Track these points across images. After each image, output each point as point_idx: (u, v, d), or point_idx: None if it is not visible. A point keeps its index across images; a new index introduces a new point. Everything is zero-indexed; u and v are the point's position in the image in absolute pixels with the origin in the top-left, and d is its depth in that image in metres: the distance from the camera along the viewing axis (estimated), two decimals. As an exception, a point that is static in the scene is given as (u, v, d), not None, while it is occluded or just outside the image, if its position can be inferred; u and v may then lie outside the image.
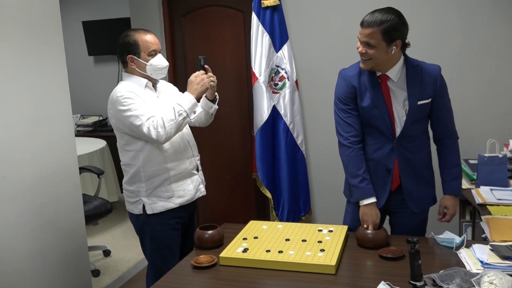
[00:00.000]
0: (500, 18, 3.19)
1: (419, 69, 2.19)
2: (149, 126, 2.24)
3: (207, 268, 1.96)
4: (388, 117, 2.20)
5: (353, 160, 2.24)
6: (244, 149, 3.98)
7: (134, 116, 2.26)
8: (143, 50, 2.34)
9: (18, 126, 2.45)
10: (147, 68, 2.36)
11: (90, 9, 6.19)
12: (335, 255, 1.93)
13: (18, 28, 2.43)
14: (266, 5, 3.44)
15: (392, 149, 2.24)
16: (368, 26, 2.07)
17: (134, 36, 2.35)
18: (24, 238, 2.49)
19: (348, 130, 2.26)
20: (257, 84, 3.49)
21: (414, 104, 2.18)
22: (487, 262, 1.81)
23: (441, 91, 2.22)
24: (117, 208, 5.17)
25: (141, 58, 2.35)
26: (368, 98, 2.21)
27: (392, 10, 2.09)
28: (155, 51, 2.36)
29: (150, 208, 2.39)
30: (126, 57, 2.37)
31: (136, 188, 2.41)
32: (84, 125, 6.14)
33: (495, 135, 3.14)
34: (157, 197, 2.40)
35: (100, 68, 6.41)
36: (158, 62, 2.37)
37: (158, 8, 3.92)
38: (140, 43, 2.34)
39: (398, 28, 2.07)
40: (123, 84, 2.38)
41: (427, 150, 2.32)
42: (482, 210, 2.51)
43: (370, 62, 2.13)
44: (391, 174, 2.26)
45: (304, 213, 3.66)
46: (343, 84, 2.28)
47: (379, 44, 2.07)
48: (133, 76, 2.40)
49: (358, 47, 2.14)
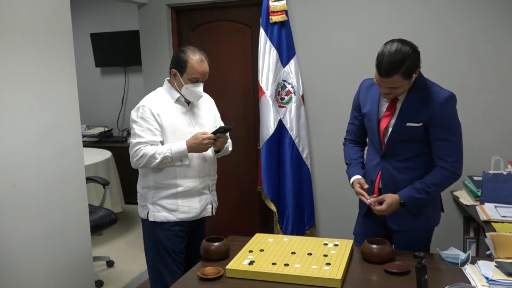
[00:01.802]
0: (504, 36, 3.22)
1: (425, 92, 2.13)
2: (136, 149, 2.39)
3: (214, 280, 1.97)
4: (378, 131, 2.24)
5: (345, 151, 2.49)
6: (249, 162, 4.00)
7: (134, 133, 2.43)
8: (187, 72, 2.43)
9: (28, 135, 2.48)
10: (183, 89, 2.46)
11: (99, 21, 6.26)
12: (341, 269, 1.94)
13: (30, 39, 2.47)
14: (274, 21, 3.48)
15: (379, 163, 2.28)
16: (388, 76, 2.01)
17: (186, 57, 2.43)
18: (30, 246, 2.50)
19: (348, 133, 2.50)
20: (264, 98, 3.52)
21: (400, 124, 2.16)
22: (493, 279, 1.81)
23: (441, 121, 2.10)
24: (120, 219, 5.18)
25: (182, 78, 2.44)
26: (367, 109, 2.29)
27: (403, 45, 2.01)
28: (197, 79, 2.44)
29: (152, 215, 2.49)
30: (171, 70, 2.48)
31: (144, 193, 2.52)
32: (90, 135, 6.17)
33: (499, 152, 3.16)
34: (161, 207, 2.47)
35: (106, 79, 6.47)
36: (194, 89, 2.46)
37: (167, 21, 3.97)
38: (188, 66, 2.42)
39: (415, 63, 2.03)
40: (155, 95, 2.52)
41: (421, 173, 2.19)
42: (486, 227, 2.51)
43: (393, 95, 2.14)
44: (373, 186, 2.30)
45: (308, 226, 3.66)
46: (357, 93, 2.40)
47: (402, 84, 2.06)
48: (171, 88, 2.52)
49: (377, 84, 2.12)
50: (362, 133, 2.43)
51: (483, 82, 3.30)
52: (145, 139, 2.40)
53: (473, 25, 3.27)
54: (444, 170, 2.15)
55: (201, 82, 2.47)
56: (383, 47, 2.04)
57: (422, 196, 2.16)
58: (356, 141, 2.48)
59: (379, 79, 2.07)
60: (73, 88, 2.78)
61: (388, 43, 2.05)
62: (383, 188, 2.28)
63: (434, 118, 2.10)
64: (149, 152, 2.38)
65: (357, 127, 2.42)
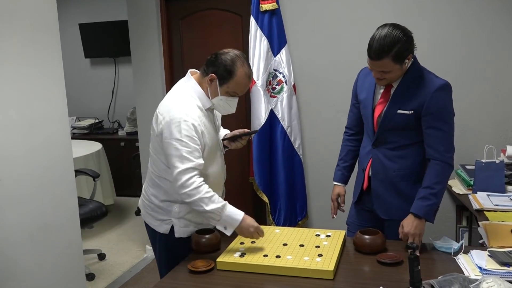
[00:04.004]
0: (498, 26, 3.20)
1: (419, 79, 2.12)
2: (189, 176, 2.00)
3: (204, 272, 1.94)
4: (371, 118, 2.23)
5: (341, 148, 2.55)
6: (241, 153, 3.96)
7: (180, 156, 2.00)
8: (229, 84, 2.09)
9: (14, 128, 2.43)
10: (216, 99, 2.13)
11: (87, 11, 6.18)
12: (333, 260, 1.92)
13: (14, 30, 2.42)
14: (264, 9, 3.43)
15: (370, 150, 2.28)
16: (378, 58, 2.01)
17: (235, 67, 2.08)
18: (19, 240, 2.46)
19: (348, 121, 2.52)
20: (255, 87, 3.48)
21: (391, 111, 2.15)
22: (486, 268, 1.80)
23: (433, 109, 2.08)
24: (112, 211, 5.16)
25: (220, 88, 2.11)
26: (363, 96, 2.30)
27: (394, 29, 2.01)
28: (236, 94, 2.15)
29: (179, 231, 2.20)
30: (210, 72, 2.11)
31: (166, 207, 2.20)
32: (80, 127, 6.12)
33: (492, 141, 3.15)
34: (189, 221, 2.21)
35: (96, 70, 6.40)
36: (228, 104, 2.16)
37: (156, 11, 3.91)
38: (234, 79, 2.08)
39: (406, 47, 2.02)
40: (189, 103, 2.10)
41: (410, 163, 2.21)
42: (479, 216, 2.51)
43: (385, 81, 2.13)
44: (363, 174, 2.32)
45: (301, 217, 3.65)
46: (355, 80, 2.42)
47: (393, 68, 2.05)
48: (200, 90, 2.14)
49: (370, 70, 2.12)
50: (359, 122, 2.43)
51: (476, 70, 3.28)
52: (195, 164, 2.01)
53: (467, 14, 3.24)
54: (436, 162, 2.11)
55: (237, 97, 2.17)
56: (375, 31, 2.05)
57: (432, 201, 2.10)
58: (353, 131, 2.49)
59: (370, 63, 2.07)
60: (60, 80, 2.73)
61: (381, 27, 2.06)
62: (372, 176, 2.29)
63: (426, 105, 2.08)
64: (204, 192, 2.01)
65: (355, 114, 2.44)
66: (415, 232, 2.08)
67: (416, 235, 2.08)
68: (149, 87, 3.99)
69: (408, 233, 2.09)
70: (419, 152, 2.20)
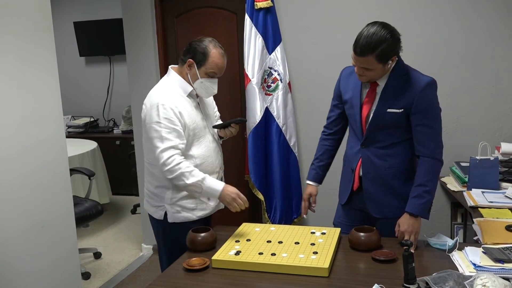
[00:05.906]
0: (493, 23, 3.20)
1: (405, 77, 2.13)
2: (170, 156, 2.15)
3: (199, 271, 1.94)
4: (360, 118, 2.22)
5: (318, 147, 2.55)
6: (236, 151, 3.96)
7: (160, 136, 2.17)
8: (206, 66, 2.27)
9: (8, 127, 2.42)
10: (197, 82, 2.30)
11: (81, 9, 6.16)
12: (328, 258, 1.92)
13: (8, 28, 2.40)
14: (259, 7, 3.43)
15: (359, 150, 2.27)
16: (362, 55, 2.02)
17: (207, 48, 2.27)
18: (13, 239, 2.45)
19: (326, 120, 2.51)
20: (250, 85, 3.48)
21: (381, 110, 2.16)
22: (480, 265, 1.81)
23: (422, 107, 2.10)
24: (108, 210, 5.15)
25: (199, 71, 2.28)
26: (348, 96, 2.29)
27: (382, 29, 2.01)
28: (215, 74, 2.30)
29: (172, 217, 2.31)
30: (187, 59, 2.29)
31: (160, 193, 2.32)
32: (75, 126, 6.10)
33: (486, 138, 3.16)
34: (181, 207, 2.30)
35: (91, 69, 6.38)
36: (210, 85, 2.32)
37: (151, 9, 3.89)
38: (209, 59, 2.26)
39: (391, 48, 2.02)
40: (167, 89, 2.28)
41: (400, 161, 2.23)
42: (474, 213, 2.51)
43: (366, 78, 2.14)
44: (353, 174, 2.30)
45: (296, 215, 3.65)
46: (337, 81, 2.40)
47: (376, 67, 2.06)
48: (180, 78, 2.32)
49: (354, 65, 2.13)
50: (339, 122, 2.44)
51: (471, 67, 3.28)
52: (175, 143, 2.17)
53: (462, 11, 3.24)
54: (427, 160, 2.13)
55: (216, 78, 2.33)
56: (365, 27, 2.05)
57: (426, 199, 2.12)
58: (332, 131, 2.49)
59: (354, 57, 2.08)
60: (55, 78, 2.71)
61: (371, 24, 2.06)
62: (363, 176, 2.29)
63: (415, 103, 2.10)
64: (184, 167, 2.16)
65: (336, 115, 2.44)
66: (412, 230, 2.10)
67: (413, 233, 2.10)
68: (144, 86, 3.97)
69: (405, 232, 2.10)
70: (409, 149, 2.21)
